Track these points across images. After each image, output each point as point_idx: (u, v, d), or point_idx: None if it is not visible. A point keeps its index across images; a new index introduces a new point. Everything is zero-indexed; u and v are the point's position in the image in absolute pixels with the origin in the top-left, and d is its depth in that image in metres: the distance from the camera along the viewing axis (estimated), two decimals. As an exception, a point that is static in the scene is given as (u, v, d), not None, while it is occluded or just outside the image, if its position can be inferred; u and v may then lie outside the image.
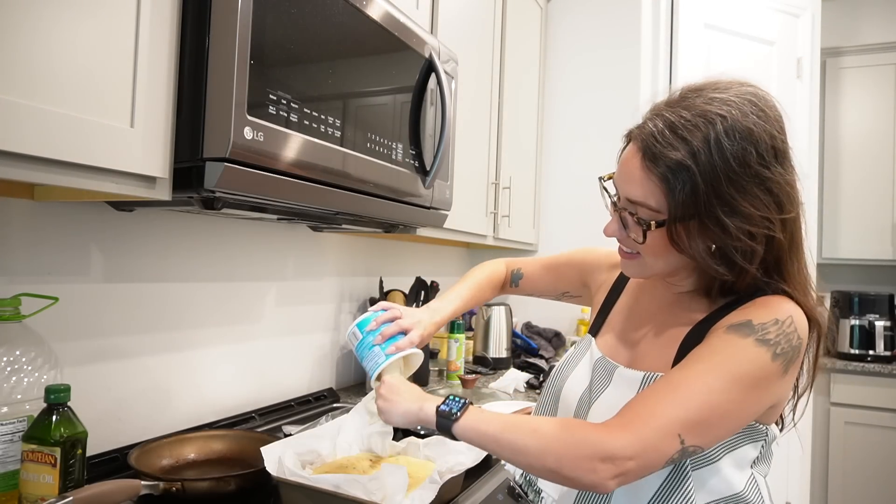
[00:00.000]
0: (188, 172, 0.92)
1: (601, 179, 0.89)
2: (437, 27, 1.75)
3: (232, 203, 1.04)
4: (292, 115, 1.00)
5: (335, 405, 1.69)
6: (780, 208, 0.77)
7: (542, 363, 2.32)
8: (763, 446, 0.84)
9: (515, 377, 2.04)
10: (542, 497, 0.95)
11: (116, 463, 1.14)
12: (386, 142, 1.28)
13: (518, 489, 0.99)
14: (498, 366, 2.34)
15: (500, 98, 2.26)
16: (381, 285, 2.01)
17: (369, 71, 1.21)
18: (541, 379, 2.05)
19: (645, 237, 0.81)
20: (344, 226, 1.59)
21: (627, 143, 0.84)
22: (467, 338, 2.37)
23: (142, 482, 0.93)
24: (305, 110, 1.03)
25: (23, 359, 0.92)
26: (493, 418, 0.81)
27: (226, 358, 1.50)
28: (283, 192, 1.02)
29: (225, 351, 1.50)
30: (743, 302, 0.82)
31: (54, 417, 0.89)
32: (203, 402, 1.44)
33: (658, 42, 2.55)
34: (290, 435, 1.17)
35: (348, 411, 1.21)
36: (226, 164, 0.89)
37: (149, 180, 0.89)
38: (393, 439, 1.14)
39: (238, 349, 1.54)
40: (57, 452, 0.87)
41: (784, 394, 0.81)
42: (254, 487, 1.03)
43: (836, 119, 3.37)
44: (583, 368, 0.96)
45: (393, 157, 1.30)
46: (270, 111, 0.96)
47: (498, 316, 2.38)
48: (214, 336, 1.46)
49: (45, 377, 0.94)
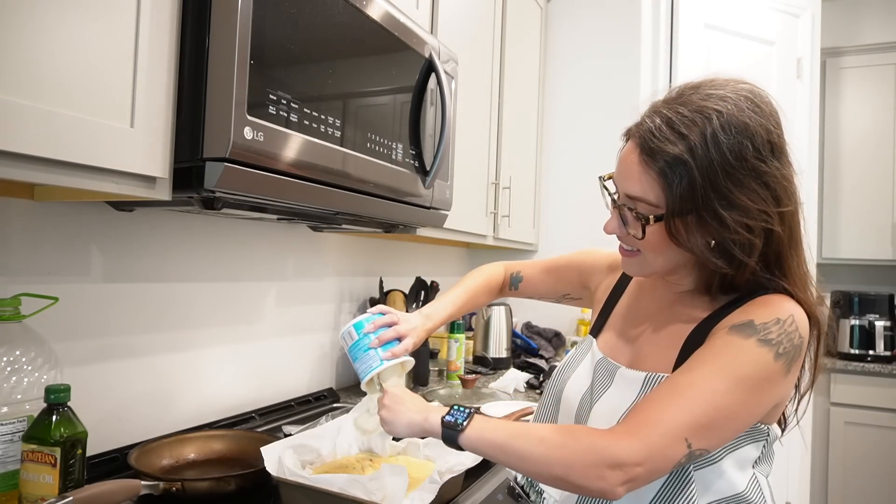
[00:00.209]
0: (188, 172, 0.92)
1: (601, 179, 0.90)
2: (437, 27, 1.75)
3: (232, 203, 1.04)
4: (292, 115, 1.00)
5: (335, 405, 1.69)
6: (778, 202, 0.78)
7: (542, 363, 2.31)
8: (764, 446, 0.84)
9: (515, 377, 2.03)
10: (544, 498, 0.95)
11: (116, 463, 1.14)
12: (386, 142, 1.28)
13: (518, 489, 0.99)
14: (498, 366, 2.34)
15: (500, 98, 2.26)
16: (381, 285, 2.01)
17: (369, 71, 1.21)
18: (541, 379, 2.05)
19: (644, 232, 0.81)
20: (344, 226, 1.59)
21: (626, 141, 0.85)
22: (467, 338, 2.37)
23: (142, 482, 0.93)
24: (305, 110, 1.03)
25: (23, 359, 0.92)
26: (499, 427, 0.80)
27: (226, 358, 1.50)
28: (283, 192, 1.02)
29: (225, 351, 1.50)
30: (744, 301, 0.82)
31: (54, 417, 0.89)
32: (203, 402, 1.44)
33: (658, 42, 2.55)
34: (290, 435, 1.17)
35: (348, 411, 1.21)
36: (226, 164, 0.89)
37: (149, 180, 0.89)
38: (393, 439, 1.14)
39: (238, 349, 1.54)
40: (57, 452, 0.87)
41: (786, 393, 0.82)
42: (254, 487, 1.03)
43: (836, 119, 3.37)
44: (584, 369, 0.96)
45: (393, 157, 1.30)
46: (270, 111, 0.96)
47: (498, 316, 2.38)
48: (214, 336, 1.46)
49: (45, 377, 0.94)
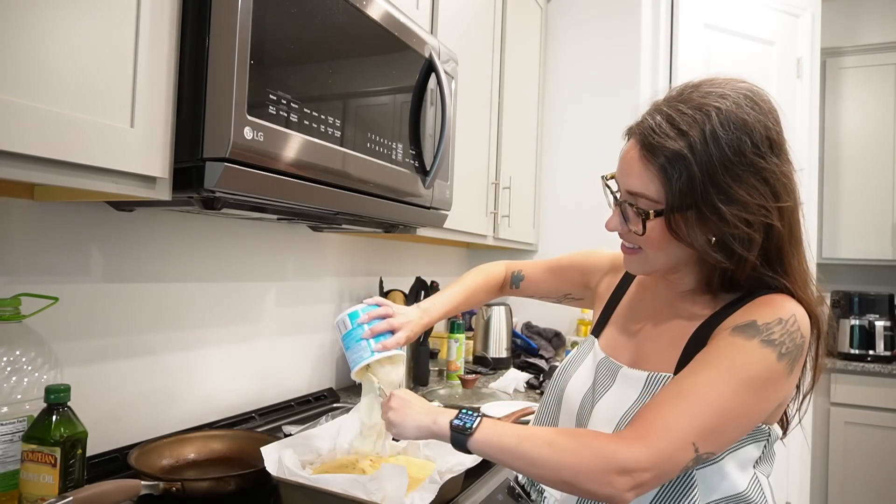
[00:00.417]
0: (188, 172, 0.92)
1: (604, 178, 0.90)
2: (437, 27, 1.75)
3: (232, 203, 1.04)
4: (292, 115, 1.00)
5: (335, 405, 1.69)
6: (776, 197, 0.78)
7: (542, 363, 2.31)
8: (765, 446, 0.84)
9: (515, 377, 2.03)
10: (545, 497, 0.95)
11: (116, 463, 1.14)
12: (386, 142, 1.28)
13: (518, 489, 0.99)
14: (498, 366, 2.34)
15: (500, 98, 2.26)
16: (381, 285, 2.01)
17: (369, 71, 1.21)
18: (541, 379, 2.05)
19: (644, 228, 0.82)
20: (344, 226, 1.59)
21: (628, 140, 0.86)
22: (467, 338, 2.37)
23: (142, 482, 0.93)
24: (305, 110, 1.03)
25: (23, 359, 0.92)
26: (508, 431, 0.80)
27: (226, 358, 1.50)
28: (283, 192, 1.02)
29: (225, 351, 1.50)
30: (745, 300, 0.82)
31: (54, 417, 0.89)
32: (203, 402, 1.44)
33: (658, 42, 2.55)
34: (290, 435, 1.17)
35: (348, 411, 1.21)
36: (226, 164, 0.89)
37: (149, 180, 0.89)
38: (393, 439, 1.14)
39: (238, 349, 1.54)
40: (57, 452, 0.87)
41: (789, 393, 0.82)
42: (254, 487, 1.03)
43: (836, 119, 3.36)
44: (585, 369, 0.97)
45: (393, 157, 1.30)
46: (270, 111, 0.95)
47: (498, 316, 2.37)
48: (214, 336, 1.46)
49: (45, 377, 0.94)
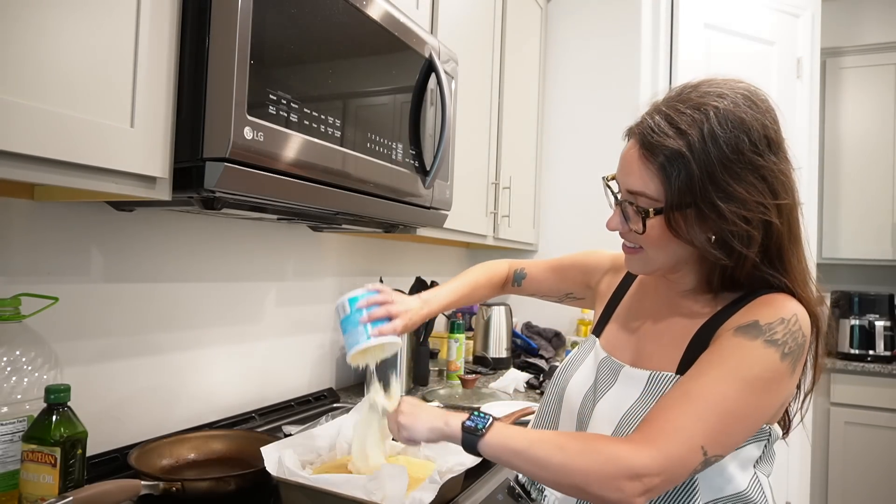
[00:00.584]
0: (188, 172, 0.92)
1: (605, 179, 0.91)
2: (437, 27, 1.75)
3: (232, 203, 1.04)
4: (292, 115, 1.00)
5: (335, 405, 1.69)
6: (775, 195, 0.79)
7: (542, 363, 2.31)
8: (766, 446, 0.85)
9: (515, 377, 2.03)
10: (545, 496, 0.95)
11: (116, 463, 1.14)
12: (386, 142, 1.28)
13: (518, 489, 0.99)
14: (498, 366, 2.34)
15: (500, 98, 2.26)
16: (381, 285, 2.01)
17: (369, 71, 1.21)
18: (541, 379, 2.05)
19: (644, 226, 0.82)
20: (344, 226, 1.59)
21: (628, 140, 0.86)
22: (467, 338, 2.37)
23: (142, 482, 0.93)
24: (305, 110, 1.03)
25: (23, 359, 0.92)
26: (519, 435, 0.80)
27: (226, 358, 1.50)
28: (283, 192, 1.02)
29: (225, 351, 1.50)
30: (746, 300, 0.82)
31: (54, 417, 0.89)
32: (203, 402, 1.44)
33: (658, 42, 2.55)
34: (290, 435, 1.17)
35: (348, 411, 1.21)
36: (226, 165, 0.89)
37: (149, 180, 0.89)
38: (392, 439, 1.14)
39: (238, 349, 1.54)
40: (57, 452, 0.87)
41: (791, 392, 0.82)
42: (254, 487, 1.03)
43: (836, 119, 3.36)
44: (587, 368, 0.97)
45: (393, 157, 1.30)
46: (270, 111, 0.95)
47: (498, 316, 2.37)
48: (215, 336, 1.46)
49: (45, 377, 0.94)
